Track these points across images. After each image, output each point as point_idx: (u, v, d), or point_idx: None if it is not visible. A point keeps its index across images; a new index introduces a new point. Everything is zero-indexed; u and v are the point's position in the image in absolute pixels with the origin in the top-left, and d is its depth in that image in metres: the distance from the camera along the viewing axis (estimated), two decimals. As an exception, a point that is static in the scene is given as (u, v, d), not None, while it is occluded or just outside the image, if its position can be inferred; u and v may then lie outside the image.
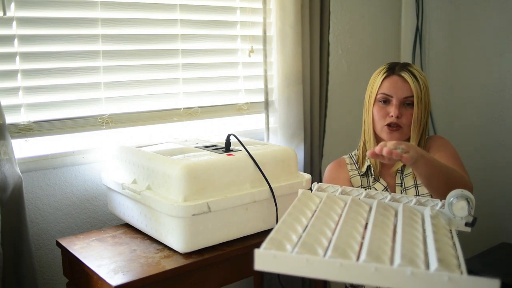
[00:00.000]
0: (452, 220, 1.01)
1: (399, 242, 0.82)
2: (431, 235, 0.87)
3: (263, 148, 1.58)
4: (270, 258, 0.77)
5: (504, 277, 1.98)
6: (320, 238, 0.84)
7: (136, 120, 1.75)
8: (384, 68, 1.50)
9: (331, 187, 1.13)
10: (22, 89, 1.53)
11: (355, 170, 1.57)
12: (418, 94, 1.44)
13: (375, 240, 0.83)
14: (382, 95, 1.46)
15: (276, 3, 1.97)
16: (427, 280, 0.72)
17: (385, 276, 0.73)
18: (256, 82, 2.05)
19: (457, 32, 2.57)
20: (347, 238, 0.84)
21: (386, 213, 1.00)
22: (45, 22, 1.55)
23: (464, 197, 1.00)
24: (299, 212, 0.98)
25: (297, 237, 0.85)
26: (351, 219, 0.95)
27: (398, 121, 1.45)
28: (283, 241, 0.82)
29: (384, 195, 1.10)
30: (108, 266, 1.30)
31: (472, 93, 2.55)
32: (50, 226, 1.62)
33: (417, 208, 1.04)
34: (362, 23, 2.45)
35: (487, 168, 2.51)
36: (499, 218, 2.48)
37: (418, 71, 1.47)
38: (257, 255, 0.77)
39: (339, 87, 2.35)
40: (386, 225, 0.93)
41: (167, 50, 1.81)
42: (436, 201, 1.06)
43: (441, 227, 0.95)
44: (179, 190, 1.32)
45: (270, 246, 0.79)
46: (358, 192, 1.11)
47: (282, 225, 0.88)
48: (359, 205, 1.04)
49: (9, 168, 1.42)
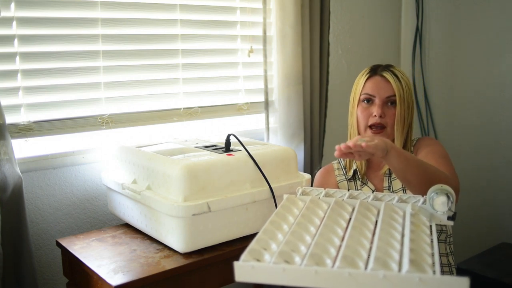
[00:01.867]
0: (434, 215, 1.03)
1: (375, 244, 0.85)
2: (408, 234, 0.89)
3: (263, 148, 1.58)
4: (249, 269, 0.80)
5: (504, 277, 1.98)
6: (298, 245, 0.87)
7: (136, 120, 1.75)
8: (366, 70, 1.52)
9: (315, 190, 1.15)
10: (22, 89, 1.53)
11: (342, 175, 1.58)
12: (400, 93, 1.44)
13: (352, 243, 0.86)
14: (365, 95, 1.47)
15: (276, 3, 1.97)
16: (399, 282, 0.74)
17: (359, 281, 0.75)
18: (256, 82, 2.05)
19: (457, 32, 2.56)
20: (324, 244, 0.87)
21: (367, 213, 1.02)
22: (45, 22, 1.55)
23: (444, 192, 1.02)
24: (282, 219, 1.00)
25: (278, 245, 0.87)
26: (332, 222, 0.97)
27: (382, 120, 1.45)
28: (261, 251, 0.85)
29: (367, 194, 1.11)
30: (108, 266, 1.30)
31: (472, 93, 2.55)
32: (50, 226, 1.62)
33: (399, 205, 1.06)
34: (362, 23, 2.45)
35: (487, 168, 2.51)
36: (499, 218, 2.48)
37: (400, 72, 1.48)
38: (236, 267, 0.80)
39: (339, 87, 2.35)
40: (366, 226, 0.95)
41: (167, 50, 1.81)
42: (418, 197, 1.07)
43: (421, 224, 0.96)
44: (179, 190, 1.32)
45: (249, 258, 0.82)
46: (342, 194, 1.12)
47: (263, 235, 0.91)
48: (342, 206, 1.06)
49: (9, 168, 1.42)
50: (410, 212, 1.01)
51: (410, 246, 0.83)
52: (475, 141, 2.55)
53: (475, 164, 2.53)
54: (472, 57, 2.53)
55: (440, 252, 1.44)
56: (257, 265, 0.80)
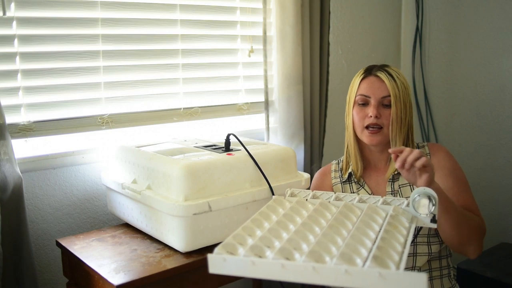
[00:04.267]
0: (418, 217, 1.04)
1: (345, 241, 0.87)
2: (381, 234, 0.92)
3: (262, 147, 1.58)
4: (221, 262, 0.83)
5: (504, 277, 1.98)
6: (273, 241, 0.90)
7: (136, 120, 1.75)
8: (361, 71, 1.49)
9: (302, 192, 1.17)
10: (22, 89, 1.53)
11: (338, 177, 1.55)
12: (395, 93, 1.40)
13: (324, 240, 0.88)
14: (361, 97, 1.44)
15: (276, 3, 1.97)
16: (360, 276, 0.77)
17: (323, 274, 0.78)
18: (256, 82, 2.06)
19: (457, 32, 2.57)
20: (298, 240, 0.89)
21: (349, 214, 1.03)
22: (45, 22, 1.55)
23: (426, 195, 1.03)
24: (265, 217, 1.03)
25: (254, 241, 0.90)
26: (311, 221, 0.98)
27: (378, 121, 1.40)
28: (236, 245, 0.89)
29: (352, 197, 1.12)
30: (109, 266, 1.30)
31: (472, 93, 2.55)
32: (50, 226, 1.62)
33: (383, 207, 1.06)
34: (362, 23, 2.45)
35: (487, 168, 2.51)
36: (499, 218, 2.48)
37: (396, 71, 1.44)
38: (210, 259, 0.84)
39: (339, 87, 2.35)
40: (344, 226, 0.97)
41: (167, 50, 1.81)
42: (402, 200, 1.08)
43: (399, 225, 0.98)
44: (180, 189, 1.32)
45: (222, 250, 0.86)
46: (328, 196, 1.13)
47: (241, 231, 0.94)
48: (326, 208, 1.07)
49: (9, 168, 1.41)
50: (391, 213, 1.02)
51: (379, 244, 0.86)
52: (475, 141, 2.55)
53: (475, 164, 2.53)
54: (472, 57, 2.53)
55: (441, 255, 1.43)
56: (229, 258, 0.83)
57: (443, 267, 1.45)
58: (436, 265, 1.43)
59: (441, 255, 1.44)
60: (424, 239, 1.39)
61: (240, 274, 0.83)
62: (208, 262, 0.84)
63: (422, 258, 1.39)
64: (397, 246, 0.88)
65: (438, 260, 1.43)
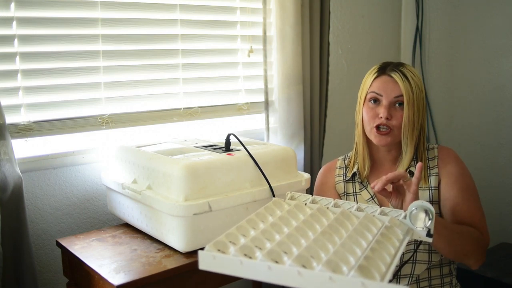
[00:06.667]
0: (414, 230, 1.03)
1: (335, 248, 0.87)
2: (372, 244, 0.92)
3: (262, 147, 1.58)
4: (210, 259, 0.84)
5: (504, 277, 1.98)
6: (264, 242, 0.91)
7: (136, 120, 1.75)
8: (375, 68, 1.43)
9: (302, 196, 1.16)
10: (22, 89, 1.53)
11: (341, 175, 1.52)
12: (408, 95, 1.34)
13: (314, 246, 0.88)
14: (372, 94, 1.38)
15: (276, 3, 1.97)
16: (344, 284, 0.77)
17: (307, 279, 0.79)
18: (256, 82, 2.05)
19: (457, 32, 2.57)
20: (288, 244, 0.89)
21: (345, 222, 1.03)
22: (45, 22, 1.55)
23: (423, 209, 1.02)
24: (261, 218, 1.03)
25: (246, 241, 0.90)
26: (306, 226, 0.98)
27: (388, 122, 1.35)
28: (228, 244, 0.89)
29: (351, 205, 1.11)
30: (109, 266, 1.30)
31: (472, 93, 2.55)
32: (50, 226, 1.62)
33: (380, 217, 1.06)
34: (362, 23, 2.45)
35: (487, 168, 2.51)
36: (499, 218, 2.48)
37: (411, 71, 1.37)
38: (200, 256, 0.85)
39: (339, 87, 2.35)
40: (338, 233, 0.97)
41: (167, 50, 1.81)
42: (400, 212, 1.07)
43: (392, 237, 0.97)
44: (180, 189, 1.32)
45: (213, 248, 0.87)
46: (327, 202, 1.13)
47: (235, 230, 0.95)
48: (324, 213, 1.07)
49: (9, 168, 1.41)
50: (386, 224, 1.02)
51: (368, 254, 0.86)
52: (475, 141, 2.56)
53: (475, 164, 2.52)
54: (472, 57, 2.53)
55: (442, 263, 1.40)
56: (218, 256, 0.85)
57: (445, 275, 1.42)
58: (437, 273, 1.40)
59: (443, 263, 1.41)
60: (426, 247, 1.37)
61: (228, 273, 0.84)
62: (199, 258, 0.85)
63: (421, 266, 1.37)
64: (386, 257, 0.87)
65: (439, 268, 1.40)
